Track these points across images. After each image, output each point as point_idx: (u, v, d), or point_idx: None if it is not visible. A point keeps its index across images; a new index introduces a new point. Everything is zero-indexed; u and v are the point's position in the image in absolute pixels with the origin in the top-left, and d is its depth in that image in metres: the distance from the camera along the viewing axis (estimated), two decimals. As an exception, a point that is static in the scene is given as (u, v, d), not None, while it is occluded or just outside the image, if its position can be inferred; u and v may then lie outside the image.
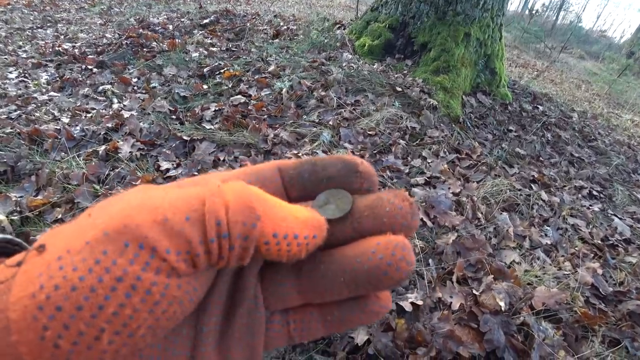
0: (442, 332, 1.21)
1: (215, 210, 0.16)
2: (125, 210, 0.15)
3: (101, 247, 0.14)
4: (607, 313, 1.44)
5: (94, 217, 0.16)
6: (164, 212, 0.15)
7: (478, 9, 2.99)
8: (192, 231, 0.15)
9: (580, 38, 16.57)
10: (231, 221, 0.16)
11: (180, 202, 0.16)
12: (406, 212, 0.19)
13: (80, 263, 0.14)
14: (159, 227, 0.15)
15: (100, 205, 0.17)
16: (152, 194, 0.16)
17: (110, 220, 0.15)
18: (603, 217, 2.20)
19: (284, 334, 0.21)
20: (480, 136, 2.71)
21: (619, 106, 6.22)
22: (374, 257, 0.18)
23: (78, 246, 0.15)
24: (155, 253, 0.15)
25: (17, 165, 1.62)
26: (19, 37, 3.52)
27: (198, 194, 0.16)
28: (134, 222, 0.15)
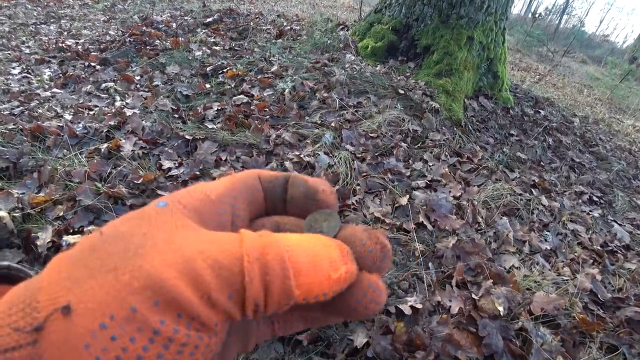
0: (440, 335, 1.21)
1: (255, 296, 0.17)
2: (168, 276, 0.15)
3: (155, 317, 0.15)
4: (605, 319, 1.44)
5: (124, 273, 0.15)
6: (209, 290, 0.16)
7: (481, 13, 3.00)
8: (233, 309, 0.17)
9: (582, 42, 16.57)
10: (269, 304, 0.17)
11: (222, 278, 0.16)
12: (376, 256, 0.20)
13: (137, 333, 0.14)
14: (207, 305, 0.16)
15: (122, 247, 0.16)
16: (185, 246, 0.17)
17: (156, 287, 0.15)
18: (603, 223, 2.20)
19: (269, 331, 0.24)
20: (481, 140, 2.71)
21: (621, 111, 6.22)
22: (345, 293, 0.19)
23: (122, 313, 0.14)
24: (204, 324, 0.16)
25: (19, 161, 1.62)
26: (22, 33, 3.52)
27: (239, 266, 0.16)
28: (184, 297, 0.15)
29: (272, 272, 0.17)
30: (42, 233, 1.31)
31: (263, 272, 0.17)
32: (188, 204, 0.20)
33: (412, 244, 1.56)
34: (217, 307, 0.16)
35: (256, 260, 0.17)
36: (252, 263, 0.17)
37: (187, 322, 0.15)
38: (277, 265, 0.17)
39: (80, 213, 1.43)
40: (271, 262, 0.17)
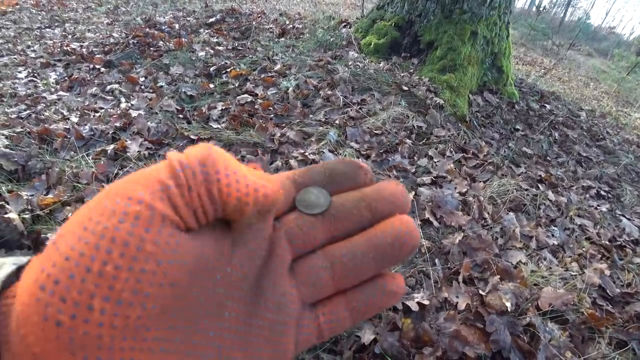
0: (448, 332, 1.21)
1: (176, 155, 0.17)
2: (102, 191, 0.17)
3: (87, 216, 0.15)
4: (614, 314, 1.43)
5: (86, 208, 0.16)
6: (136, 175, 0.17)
7: (485, 7, 2.97)
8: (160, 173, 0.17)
9: (588, 35, 16.39)
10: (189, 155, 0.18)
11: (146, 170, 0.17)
12: (401, 191, 0.24)
13: (70, 236, 0.15)
14: (133, 182, 0.16)
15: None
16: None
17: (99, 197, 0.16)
18: (611, 217, 2.18)
19: (315, 330, 0.22)
20: (486, 135, 2.70)
21: (628, 104, 6.15)
22: (394, 231, 0.22)
23: (69, 227, 0.15)
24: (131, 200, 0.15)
25: (27, 164, 1.64)
26: (27, 37, 3.56)
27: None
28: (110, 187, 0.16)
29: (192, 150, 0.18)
30: (51, 234, 1.33)
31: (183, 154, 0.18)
32: None
33: (418, 241, 1.56)
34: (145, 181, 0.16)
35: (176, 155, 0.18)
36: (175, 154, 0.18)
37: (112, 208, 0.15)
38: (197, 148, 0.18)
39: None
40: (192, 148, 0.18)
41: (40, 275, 0.14)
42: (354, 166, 0.24)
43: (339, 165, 0.24)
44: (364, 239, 0.22)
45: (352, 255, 0.22)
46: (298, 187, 0.24)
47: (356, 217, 0.23)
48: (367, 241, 0.22)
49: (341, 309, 0.23)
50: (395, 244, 0.22)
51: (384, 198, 0.23)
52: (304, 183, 0.24)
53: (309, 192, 0.23)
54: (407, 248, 0.22)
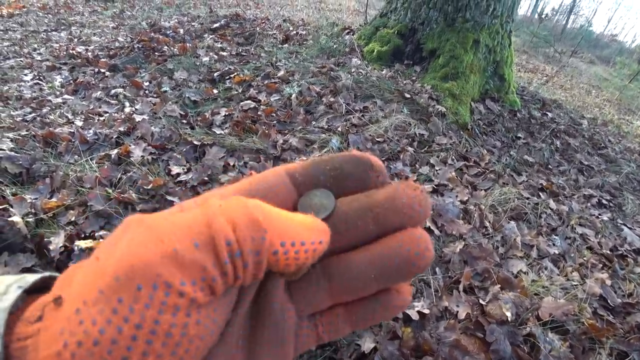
0: (448, 341, 1.21)
1: (222, 230, 0.15)
2: (130, 249, 0.15)
3: (116, 295, 0.14)
4: (615, 325, 1.43)
5: (101, 260, 0.15)
6: (171, 243, 0.15)
7: (487, 16, 2.99)
8: (204, 257, 0.15)
9: (590, 42, 16.42)
10: (240, 238, 0.15)
11: (185, 228, 0.15)
12: (420, 199, 0.20)
13: (98, 315, 0.14)
14: (169, 260, 0.14)
15: (105, 244, 0.16)
16: (153, 223, 0.16)
17: (118, 263, 0.15)
18: (612, 226, 2.18)
19: (313, 336, 0.22)
20: (488, 143, 2.70)
21: (630, 112, 6.15)
22: (402, 250, 0.20)
23: (93, 296, 0.14)
24: (170, 289, 0.14)
25: (32, 167, 1.66)
26: (33, 40, 3.59)
27: (201, 215, 0.16)
28: (142, 260, 0.14)
29: (234, 209, 0.16)
30: (54, 238, 1.34)
31: (226, 211, 0.16)
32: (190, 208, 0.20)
33: (419, 249, 1.56)
34: (181, 259, 0.15)
35: (218, 205, 0.16)
36: (214, 208, 0.16)
37: (149, 294, 0.14)
38: (238, 204, 0.16)
39: (92, 218, 1.45)
40: (232, 204, 0.16)
41: (64, 352, 0.14)
42: (364, 166, 0.22)
43: (347, 165, 0.22)
44: (366, 257, 0.20)
45: (351, 275, 0.20)
46: (299, 187, 0.22)
47: (360, 230, 0.20)
48: (369, 260, 0.20)
49: (340, 320, 0.22)
50: (401, 265, 0.20)
51: (395, 208, 0.20)
52: (304, 183, 0.22)
53: (312, 196, 0.22)
54: (415, 269, 0.20)
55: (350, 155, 0.22)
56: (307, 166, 0.22)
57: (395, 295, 0.22)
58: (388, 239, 0.20)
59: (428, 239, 0.20)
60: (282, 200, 0.21)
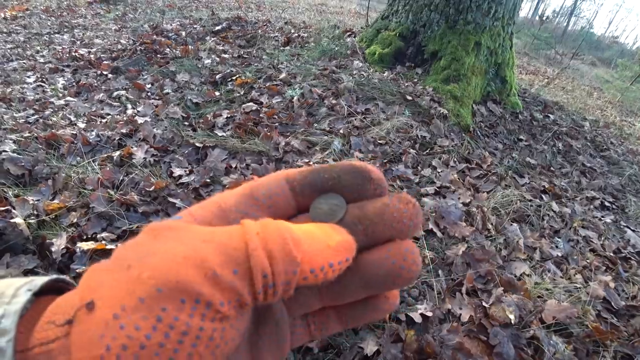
0: (451, 344, 1.21)
1: (260, 264, 0.17)
2: (171, 264, 0.16)
3: (159, 304, 0.15)
4: (619, 328, 1.42)
5: (134, 268, 0.16)
6: (213, 267, 0.16)
7: (489, 18, 3.00)
8: (241, 285, 0.17)
9: (591, 44, 16.44)
10: (276, 273, 0.17)
11: (227, 255, 0.17)
12: (411, 214, 0.21)
13: (141, 321, 0.15)
14: (211, 282, 0.16)
15: (131, 250, 0.18)
16: (191, 240, 0.17)
17: (160, 275, 0.16)
18: (615, 228, 2.17)
19: (306, 334, 0.24)
20: (490, 145, 2.70)
21: (632, 114, 6.14)
22: (387, 262, 0.21)
23: (132, 303, 0.15)
24: (210, 306, 0.16)
25: (34, 169, 1.66)
26: (37, 42, 3.61)
27: (240, 241, 0.17)
28: (186, 278, 0.16)
29: (272, 240, 0.17)
30: (56, 239, 1.34)
31: (264, 242, 0.17)
32: (199, 215, 0.21)
33: (421, 252, 1.56)
34: (222, 284, 0.16)
35: (256, 234, 0.18)
36: (253, 235, 0.17)
37: (192, 307, 0.16)
38: (276, 234, 0.18)
39: (94, 220, 1.45)
40: (270, 233, 0.18)
41: (108, 355, 0.15)
42: (363, 178, 0.22)
43: (346, 176, 0.22)
44: (354, 269, 0.21)
45: (340, 285, 0.22)
46: (297, 197, 0.23)
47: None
48: (357, 273, 0.21)
49: (331, 320, 0.24)
50: (387, 277, 0.21)
51: (384, 222, 0.21)
52: (303, 193, 0.23)
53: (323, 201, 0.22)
54: (400, 281, 0.21)
55: (349, 166, 0.23)
56: (306, 175, 0.23)
57: (384, 300, 0.24)
58: (376, 250, 0.21)
59: (416, 252, 0.21)
60: (282, 209, 0.22)
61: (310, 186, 0.22)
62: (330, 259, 0.19)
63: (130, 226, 1.44)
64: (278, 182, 0.22)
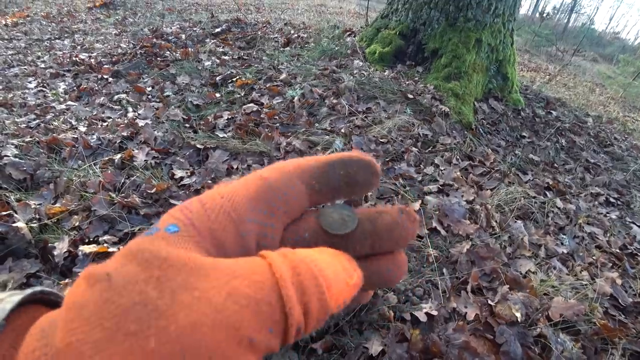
0: (457, 343, 1.19)
1: (298, 321, 0.16)
2: (198, 335, 0.14)
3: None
4: (627, 325, 1.40)
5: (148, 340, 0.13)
6: (249, 334, 0.15)
7: (489, 15, 2.98)
8: (275, 342, 0.16)
9: (593, 40, 16.38)
10: (309, 324, 0.17)
11: (260, 315, 0.15)
12: (414, 231, 0.23)
13: None
14: (248, 350, 0.15)
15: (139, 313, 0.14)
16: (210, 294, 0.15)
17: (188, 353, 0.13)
18: (621, 224, 2.15)
19: None
20: (493, 143, 2.68)
21: (635, 109, 6.10)
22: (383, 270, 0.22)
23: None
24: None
25: (36, 173, 1.66)
26: (37, 48, 3.63)
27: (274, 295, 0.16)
28: (220, 353, 0.14)
29: (308, 292, 0.17)
30: (58, 243, 1.34)
31: (300, 294, 0.16)
32: (203, 228, 0.18)
33: (425, 250, 1.55)
34: (257, 346, 0.15)
35: (291, 284, 0.16)
36: (289, 289, 0.16)
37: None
38: (312, 283, 0.17)
39: (96, 223, 1.45)
40: (305, 282, 0.17)
41: None
42: (372, 173, 0.23)
43: (361, 173, 0.23)
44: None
45: None
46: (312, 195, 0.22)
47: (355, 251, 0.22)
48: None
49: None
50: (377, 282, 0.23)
51: (391, 238, 0.22)
52: (320, 192, 0.22)
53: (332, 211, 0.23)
54: (386, 285, 0.23)
55: (361, 161, 0.23)
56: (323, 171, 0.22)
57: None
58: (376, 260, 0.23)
59: (405, 261, 0.23)
60: (296, 212, 0.22)
61: (328, 185, 0.22)
62: (347, 297, 0.19)
63: (132, 229, 1.43)
64: (293, 183, 0.21)
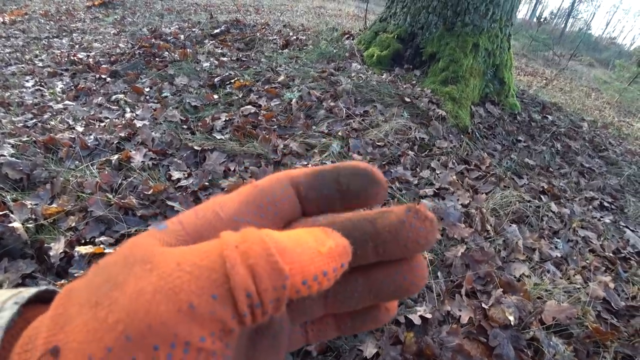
0: (451, 346, 1.20)
1: (242, 282, 0.15)
2: (140, 303, 0.14)
3: (129, 355, 0.13)
4: (619, 328, 1.42)
5: (103, 307, 0.14)
6: (188, 298, 0.14)
7: (486, 20, 3.01)
8: (223, 311, 0.14)
9: (589, 45, 16.50)
10: (261, 290, 0.15)
11: (202, 279, 0.15)
12: (427, 232, 0.19)
13: None
14: (187, 317, 0.14)
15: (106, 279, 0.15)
16: (163, 270, 0.15)
17: (128, 319, 0.14)
18: (615, 229, 2.17)
19: (303, 339, 0.24)
20: (489, 147, 2.70)
21: (630, 115, 6.15)
22: (399, 278, 0.20)
23: (99, 354, 0.13)
24: (189, 346, 0.14)
25: (32, 173, 1.66)
26: (35, 47, 3.61)
27: (218, 259, 0.15)
28: (158, 319, 0.14)
29: (254, 253, 0.15)
30: (54, 244, 1.34)
31: (244, 256, 0.15)
32: (189, 224, 0.18)
33: (420, 253, 1.56)
34: (200, 316, 0.14)
35: (234, 248, 0.15)
36: (231, 251, 0.15)
37: (167, 353, 0.13)
38: (258, 247, 0.15)
39: (92, 224, 1.45)
40: (252, 245, 0.15)
41: None
42: (370, 183, 0.21)
43: (354, 180, 0.21)
44: (363, 281, 0.21)
45: (346, 295, 0.21)
46: (303, 202, 0.21)
47: (358, 257, 0.19)
48: (365, 284, 0.21)
49: (329, 328, 0.24)
50: (396, 291, 0.21)
51: (398, 241, 0.19)
52: (308, 198, 0.21)
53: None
54: (407, 294, 0.21)
55: (355, 168, 0.21)
56: (311, 177, 0.21)
57: (384, 311, 0.24)
58: (387, 267, 0.21)
59: (425, 266, 0.21)
60: (288, 215, 0.21)
61: (317, 190, 0.21)
62: (324, 267, 0.16)
63: (129, 230, 1.44)
64: (282, 185, 0.21)
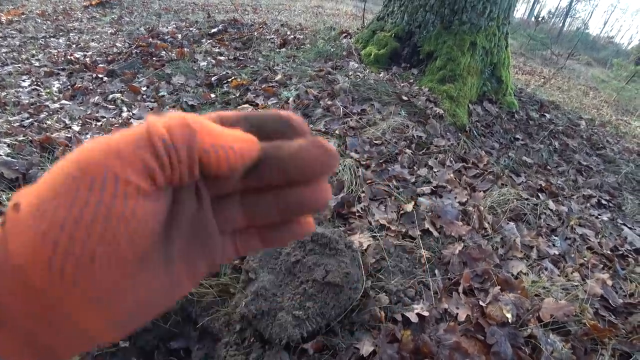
0: (448, 343, 1.20)
1: (158, 131, 0.18)
2: (80, 153, 0.17)
3: (72, 190, 0.17)
4: (617, 325, 1.42)
5: (53, 169, 0.18)
6: (116, 145, 0.17)
7: (484, 18, 3.00)
8: (144, 152, 0.18)
9: (587, 44, 16.54)
10: (173, 135, 0.18)
11: (129, 135, 0.18)
12: (323, 159, 0.22)
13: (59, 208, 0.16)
14: (115, 155, 0.17)
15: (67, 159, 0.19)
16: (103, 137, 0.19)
17: (72, 166, 0.17)
18: (612, 226, 2.17)
19: (233, 250, 0.26)
20: (486, 145, 2.70)
21: (628, 113, 6.17)
22: (304, 195, 0.23)
23: (49, 194, 0.17)
24: (119, 180, 0.17)
25: (28, 172, 1.65)
26: (32, 46, 3.60)
27: (142, 126, 0.19)
28: (92, 157, 0.17)
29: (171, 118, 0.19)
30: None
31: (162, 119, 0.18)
32: None
33: (418, 251, 1.55)
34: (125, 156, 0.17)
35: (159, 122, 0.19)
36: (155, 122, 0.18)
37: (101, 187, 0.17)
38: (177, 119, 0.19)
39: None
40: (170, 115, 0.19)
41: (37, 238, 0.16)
42: (284, 123, 0.24)
43: (269, 121, 0.24)
44: (271, 198, 0.24)
45: (259, 208, 0.24)
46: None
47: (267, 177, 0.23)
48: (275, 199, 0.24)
49: (254, 238, 0.27)
50: (299, 210, 0.24)
51: (296, 165, 0.22)
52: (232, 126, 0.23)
53: None
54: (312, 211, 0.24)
55: (275, 114, 0.24)
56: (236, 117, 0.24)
57: (298, 225, 0.26)
58: (294, 187, 0.23)
59: (328, 190, 0.24)
60: None
61: (240, 123, 0.23)
62: (232, 142, 0.20)
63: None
64: (211, 118, 0.23)
